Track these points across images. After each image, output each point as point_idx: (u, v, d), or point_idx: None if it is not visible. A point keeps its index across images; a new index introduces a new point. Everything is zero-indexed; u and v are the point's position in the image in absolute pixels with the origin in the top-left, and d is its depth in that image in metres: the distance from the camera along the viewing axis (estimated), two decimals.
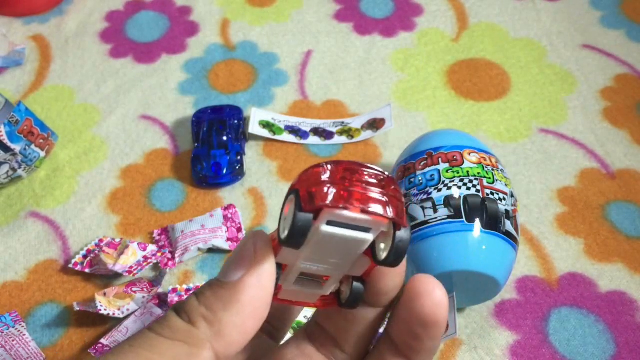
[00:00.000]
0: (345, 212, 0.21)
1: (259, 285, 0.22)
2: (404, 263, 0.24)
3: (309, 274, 0.24)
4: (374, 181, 0.22)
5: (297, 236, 0.21)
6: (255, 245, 0.23)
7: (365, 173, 0.22)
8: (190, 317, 0.22)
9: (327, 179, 0.21)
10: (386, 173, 0.23)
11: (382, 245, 0.22)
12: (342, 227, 0.21)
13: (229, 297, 0.22)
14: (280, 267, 0.24)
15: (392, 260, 0.22)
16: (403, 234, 0.22)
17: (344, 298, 0.25)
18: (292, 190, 0.22)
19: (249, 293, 0.22)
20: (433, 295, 0.24)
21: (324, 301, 0.26)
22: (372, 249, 0.23)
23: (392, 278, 0.25)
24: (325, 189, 0.21)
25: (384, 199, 0.21)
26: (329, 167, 0.22)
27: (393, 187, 0.22)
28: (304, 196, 0.21)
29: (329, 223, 0.21)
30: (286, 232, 0.21)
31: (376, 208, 0.21)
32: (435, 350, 0.25)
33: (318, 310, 0.28)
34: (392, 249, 0.22)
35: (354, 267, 0.24)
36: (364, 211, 0.21)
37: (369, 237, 0.22)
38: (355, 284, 0.24)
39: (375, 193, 0.21)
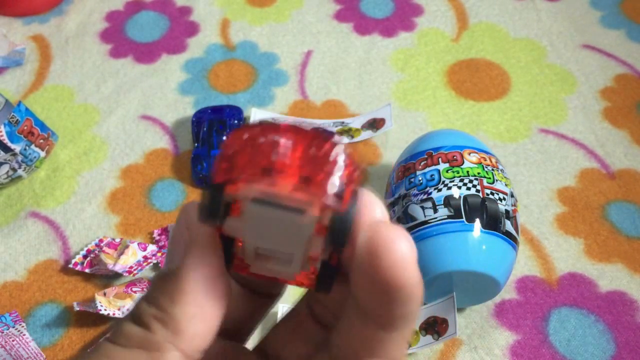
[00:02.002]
0: (263, 189, 0.18)
1: (203, 265, 0.19)
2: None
3: (270, 249, 0.20)
4: (311, 149, 0.18)
5: (208, 211, 0.18)
6: (186, 222, 0.20)
7: (299, 135, 0.18)
8: (143, 321, 0.20)
9: (247, 141, 0.18)
10: (328, 131, 0.19)
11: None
12: (269, 206, 0.18)
13: (174, 288, 0.19)
14: (233, 241, 0.20)
15: (333, 245, 0.18)
16: (342, 216, 0.18)
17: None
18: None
19: (194, 277, 0.19)
20: (393, 249, 0.18)
21: (302, 279, 0.21)
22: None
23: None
24: (224, 164, 0.18)
25: (311, 174, 0.18)
26: (258, 129, 0.18)
27: (329, 158, 0.18)
28: (217, 165, 0.18)
29: (255, 200, 0.18)
30: (204, 208, 0.18)
31: (298, 189, 0.17)
32: (412, 318, 0.20)
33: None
34: (328, 236, 0.18)
35: (314, 248, 0.19)
36: (282, 190, 0.17)
37: (305, 219, 0.18)
38: (324, 266, 0.20)
39: (305, 163, 0.18)
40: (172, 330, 0.19)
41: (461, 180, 0.48)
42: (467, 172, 0.48)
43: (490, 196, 0.47)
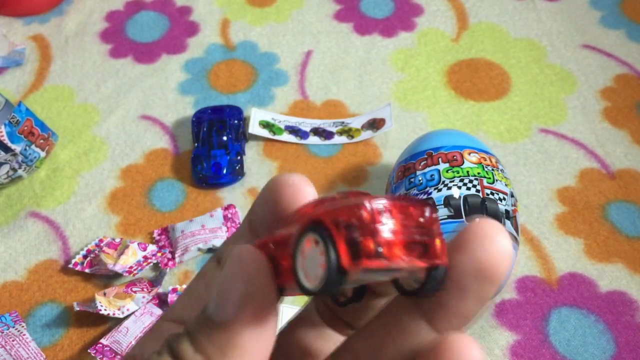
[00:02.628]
0: (387, 264, 0.18)
1: (258, 323, 0.18)
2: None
3: None
4: (416, 220, 0.19)
5: (330, 291, 0.18)
6: (241, 272, 0.19)
7: (406, 209, 0.19)
8: None
9: (366, 220, 0.18)
10: (427, 204, 0.20)
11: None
12: (376, 272, 0.19)
13: (226, 342, 0.18)
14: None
15: (421, 294, 0.19)
16: (439, 272, 0.19)
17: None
18: (317, 226, 0.18)
19: (248, 335, 0.18)
20: (497, 239, 0.19)
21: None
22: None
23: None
24: (370, 242, 0.18)
25: (428, 240, 0.19)
26: (369, 204, 0.18)
27: (435, 223, 0.19)
28: (345, 247, 0.18)
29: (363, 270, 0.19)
30: (317, 284, 0.18)
31: (419, 257, 0.18)
32: (472, 319, 0.21)
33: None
34: (424, 286, 0.19)
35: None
36: (406, 261, 0.18)
37: (413, 276, 0.20)
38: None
39: (417, 235, 0.19)
40: None
41: (461, 180, 0.48)
42: (467, 172, 0.48)
43: (490, 196, 0.47)
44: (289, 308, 0.49)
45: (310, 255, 0.18)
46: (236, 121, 0.63)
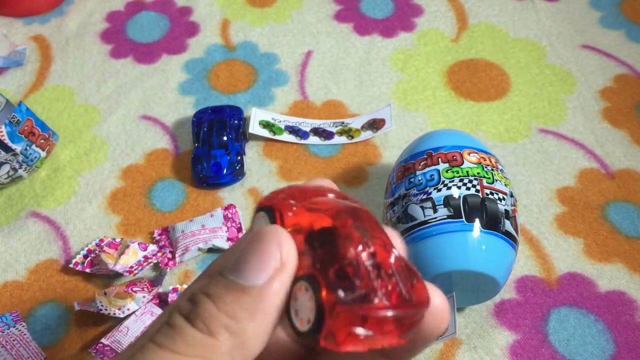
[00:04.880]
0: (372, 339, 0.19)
1: (283, 292, 0.20)
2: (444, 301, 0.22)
3: None
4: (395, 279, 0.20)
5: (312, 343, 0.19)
6: (280, 247, 0.20)
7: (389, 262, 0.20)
8: (209, 327, 0.19)
9: (345, 303, 0.19)
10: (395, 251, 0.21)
11: None
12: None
13: (255, 306, 0.19)
14: None
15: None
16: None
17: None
18: (309, 279, 0.20)
19: (275, 301, 0.20)
20: (432, 304, 0.21)
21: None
22: None
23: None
24: (342, 333, 0.19)
25: (400, 320, 0.19)
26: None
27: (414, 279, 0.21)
28: (325, 333, 0.19)
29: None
30: (306, 329, 0.19)
31: (391, 339, 0.19)
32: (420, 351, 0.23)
33: None
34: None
35: None
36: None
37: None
38: None
39: (391, 312, 0.19)
40: (239, 343, 0.19)
41: (461, 180, 0.48)
42: (467, 172, 0.48)
43: (490, 196, 0.47)
44: None
45: (303, 305, 0.20)
46: (236, 121, 0.63)
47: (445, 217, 0.46)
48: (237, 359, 0.19)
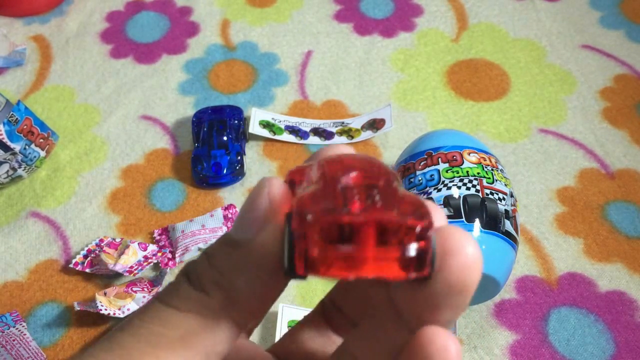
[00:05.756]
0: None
1: (278, 243, 0.19)
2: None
3: None
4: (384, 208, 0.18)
5: (291, 279, 0.18)
6: (269, 196, 0.19)
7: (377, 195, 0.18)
8: (201, 283, 0.19)
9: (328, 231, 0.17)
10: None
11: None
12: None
13: (244, 260, 0.19)
14: None
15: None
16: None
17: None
18: (289, 220, 0.18)
19: (267, 253, 0.19)
20: (463, 253, 0.18)
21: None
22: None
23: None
24: (325, 256, 0.17)
25: (398, 253, 0.17)
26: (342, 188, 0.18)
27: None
28: (300, 258, 0.17)
29: None
30: (285, 267, 0.18)
31: (387, 270, 0.17)
32: (453, 324, 0.21)
33: (335, 290, 0.25)
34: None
35: None
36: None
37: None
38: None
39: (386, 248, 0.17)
40: (231, 299, 0.19)
41: (461, 180, 0.48)
42: (467, 172, 0.48)
43: (490, 196, 0.47)
44: (289, 308, 0.50)
45: (285, 241, 0.18)
46: (236, 121, 0.63)
47: (445, 217, 0.46)
48: (236, 318, 0.19)
